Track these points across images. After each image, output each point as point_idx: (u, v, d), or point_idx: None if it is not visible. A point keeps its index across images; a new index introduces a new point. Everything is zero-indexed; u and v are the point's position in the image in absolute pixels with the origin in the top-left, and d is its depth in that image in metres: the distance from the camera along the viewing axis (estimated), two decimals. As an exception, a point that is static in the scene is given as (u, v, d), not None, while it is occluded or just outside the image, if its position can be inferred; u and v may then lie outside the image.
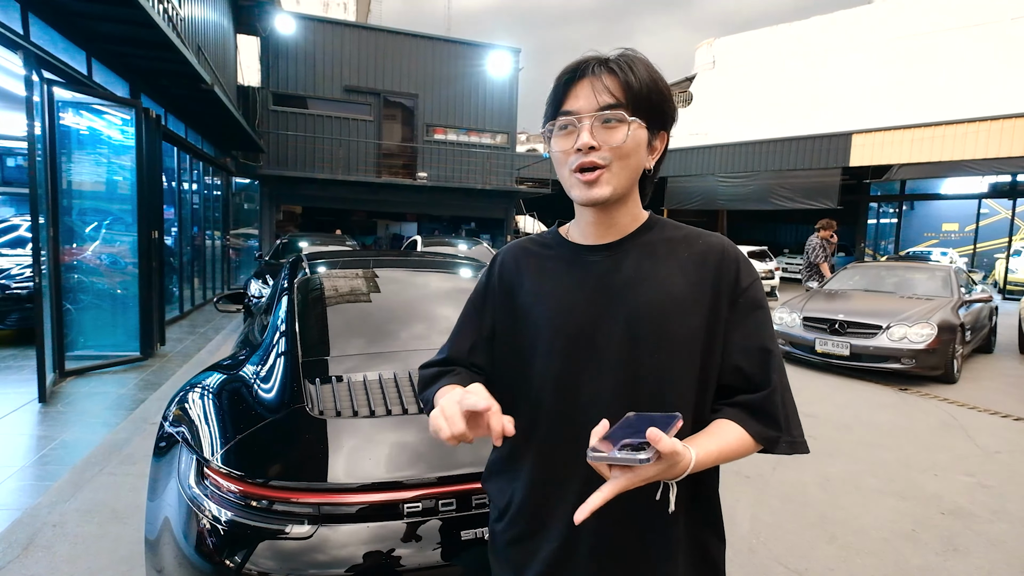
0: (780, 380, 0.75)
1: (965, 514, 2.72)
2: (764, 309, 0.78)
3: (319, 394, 1.51)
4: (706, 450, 0.68)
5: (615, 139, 0.73)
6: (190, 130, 8.29)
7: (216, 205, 10.41)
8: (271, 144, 13.86)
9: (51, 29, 4.28)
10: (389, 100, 15.22)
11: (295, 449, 1.36)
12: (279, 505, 1.20)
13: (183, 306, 7.55)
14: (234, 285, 10.90)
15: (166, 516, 1.36)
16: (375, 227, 20.96)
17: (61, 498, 2.52)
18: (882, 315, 5.31)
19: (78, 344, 4.77)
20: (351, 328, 2.02)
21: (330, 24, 15.14)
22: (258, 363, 1.80)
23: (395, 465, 1.29)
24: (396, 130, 15.58)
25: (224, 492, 1.24)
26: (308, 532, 1.18)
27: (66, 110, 4.46)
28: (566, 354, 0.77)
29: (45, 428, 3.38)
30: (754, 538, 2.44)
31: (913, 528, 2.57)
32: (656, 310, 0.75)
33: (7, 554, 2.08)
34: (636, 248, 0.79)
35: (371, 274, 2.49)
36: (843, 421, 4.11)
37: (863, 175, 12.95)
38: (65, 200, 4.60)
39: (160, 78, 6.05)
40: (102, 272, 4.99)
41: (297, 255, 2.82)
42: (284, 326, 1.93)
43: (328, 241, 8.35)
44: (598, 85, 0.73)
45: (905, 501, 2.84)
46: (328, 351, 1.85)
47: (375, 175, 14.82)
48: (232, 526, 1.20)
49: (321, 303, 2.17)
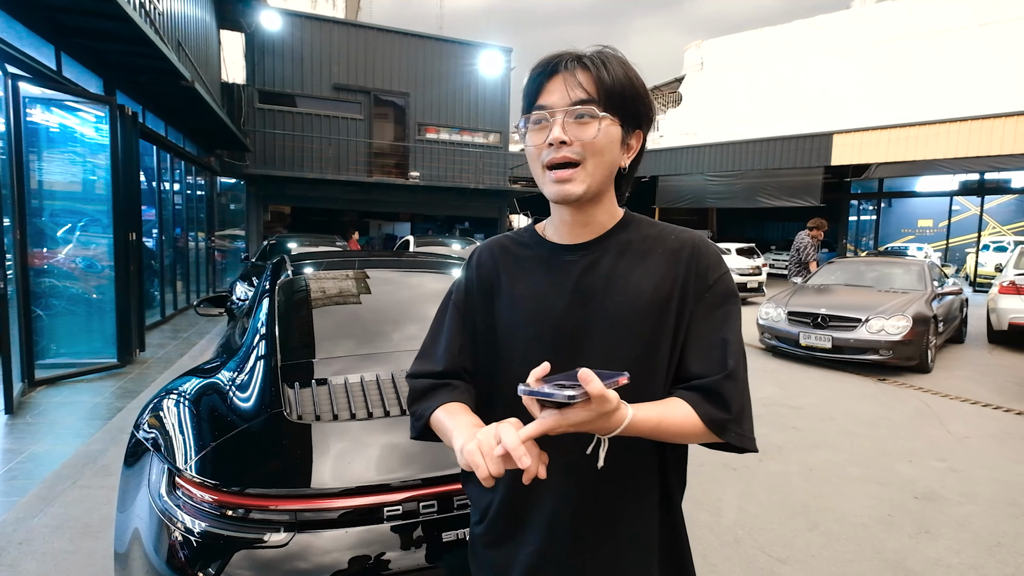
0: (736, 368, 0.74)
1: (937, 497, 2.86)
2: (731, 303, 0.78)
3: (297, 398, 1.49)
4: (645, 414, 0.67)
5: (587, 134, 0.73)
6: (170, 128, 8.05)
7: (200, 205, 10.15)
8: (258, 143, 13.58)
9: (15, 21, 4.05)
10: (380, 99, 14.99)
11: (272, 455, 1.34)
12: (256, 513, 1.18)
13: (165, 310, 7.32)
14: (219, 288, 10.65)
15: (136, 528, 1.32)
16: (368, 227, 20.72)
17: (29, 514, 2.42)
18: (861, 308, 5.48)
19: (50, 352, 4.56)
20: (333, 330, 1.98)
21: (318, 21, 14.89)
22: (236, 368, 1.77)
23: (375, 468, 1.27)
24: (387, 129, 15.37)
25: (197, 502, 1.21)
26: (285, 539, 1.15)
27: (34, 106, 4.25)
28: (544, 357, 0.72)
29: (12, 441, 3.22)
30: (740, 528, 2.51)
31: (889, 513, 2.69)
32: (633, 310, 0.76)
33: None
34: (612, 247, 0.80)
35: (355, 275, 2.44)
36: (827, 412, 4.25)
37: (844, 173, 13.38)
38: (35, 201, 4.39)
39: (137, 74, 5.83)
40: (76, 276, 4.79)
41: (280, 256, 2.77)
42: (264, 329, 1.89)
43: (318, 242, 8.15)
44: (571, 80, 0.73)
45: (883, 487, 2.96)
46: (308, 354, 1.82)
47: (366, 174, 14.60)
48: (206, 537, 1.17)
49: (303, 305, 2.14)
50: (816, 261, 7.06)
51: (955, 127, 9.78)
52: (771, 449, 3.46)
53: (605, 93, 0.73)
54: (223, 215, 12.56)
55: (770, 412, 4.20)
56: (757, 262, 11.50)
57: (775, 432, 3.77)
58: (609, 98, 0.73)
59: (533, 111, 0.76)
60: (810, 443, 3.58)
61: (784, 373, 5.46)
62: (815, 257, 7.01)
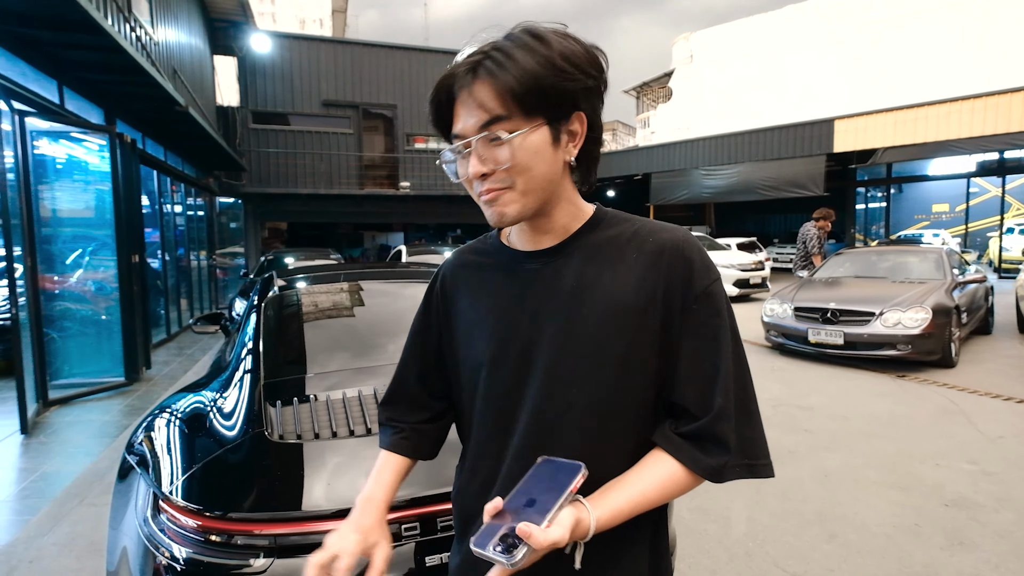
0: (726, 406, 0.65)
1: (969, 504, 2.60)
2: (721, 315, 0.67)
3: (280, 417, 1.46)
4: (613, 507, 0.61)
5: (502, 158, 0.63)
6: (169, 152, 8.29)
7: (201, 225, 10.39)
8: (253, 162, 13.85)
9: (19, 60, 4.29)
10: (368, 112, 15.26)
11: (254, 477, 1.31)
12: (240, 538, 1.15)
13: (170, 328, 7.52)
14: (222, 304, 10.86)
15: (125, 547, 1.31)
16: (361, 239, 20.95)
17: (39, 532, 2.47)
18: (875, 301, 5.19)
19: (63, 372, 4.75)
20: (318, 346, 1.96)
21: (305, 40, 15.20)
22: (221, 387, 1.76)
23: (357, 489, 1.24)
24: (377, 141, 15.62)
25: (180, 527, 1.18)
26: (265, 565, 1.12)
27: (40, 139, 4.47)
28: (508, 374, 0.71)
29: (26, 460, 3.33)
30: (751, 540, 2.33)
31: (916, 522, 2.45)
32: (602, 323, 0.67)
33: None
34: (579, 251, 0.70)
35: (341, 290, 2.41)
36: (840, 412, 3.98)
37: (848, 160, 12.82)
38: (47, 229, 4.61)
39: (135, 102, 6.06)
40: (88, 298, 5.00)
41: (269, 274, 2.80)
42: (248, 347, 1.88)
43: (313, 256, 8.35)
44: (469, 103, 0.64)
45: (906, 494, 2.73)
46: (292, 371, 1.80)
47: (358, 187, 14.85)
48: (189, 564, 1.14)
49: (288, 322, 2.12)
50: (823, 254, 6.72)
51: (968, 105, 9.10)
52: (781, 453, 3.22)
53: (516, 99, 0.61)
54: (223, 233, 12.79)
55: (779, 414, 3.96)
56: (759, 257, 11.10)
57: (785, 435, 3.52)
58: (524, 102, 0.62)
59: (453, 140, 0.67)
60: (823, 446, 3.33)
61: (792, 372, 5.18)
62: (822, 250, 6.68)
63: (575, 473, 0.59)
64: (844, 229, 15.64)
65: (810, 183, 12.07)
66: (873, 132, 10.37)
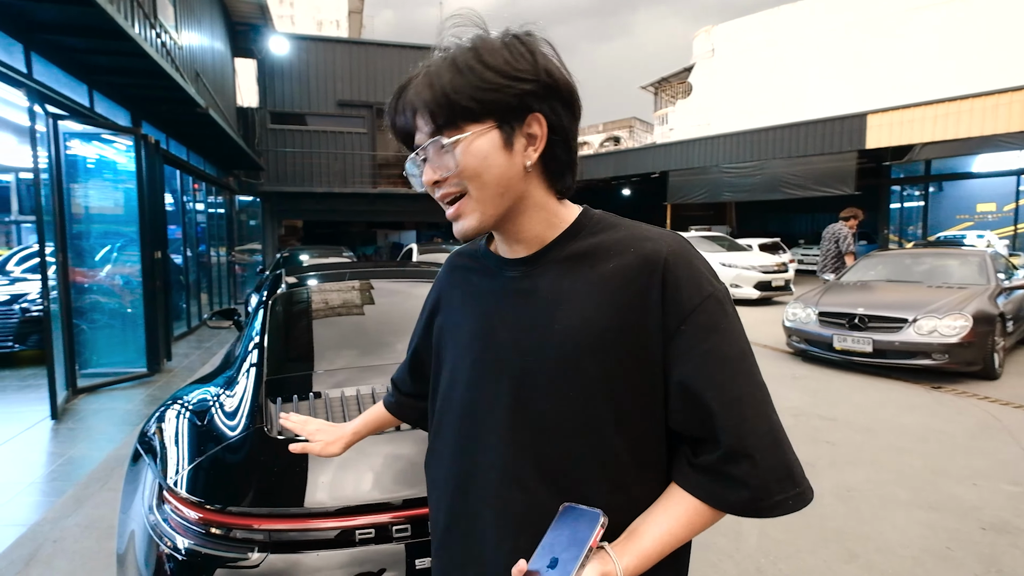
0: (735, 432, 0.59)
1: (1011, 529, 2.40)
2: (718, 334, 0.61)
3: (279, 413, 1.45)
4: (640, 552, 0.59)
5: (448, 166, 0.63)
6: (192, 152, 8.57)
7: (221, 223, 10.70)
8: (270, 161, 14.18)
9: (53, 65, 4.54)
10: (382, 111, 15.29)
11: (253, 473, 1.33)
12: (239, 532, 1.17)
13: (190, 322, 7.80)
14: (239, 300, 11.17)
15: (132, 531, 1.36)
16: (375, 237, 21.24)
17: (64, 514, 2.59)
18: (908, 307, 4.88)
19: (91, 362, 5.00)
20: (323, 344, 1.99)
21: (321, 41, 15.50)
22: (226, 382, 1.79)
23: (350, 488, 1.24)
24: (390, 140, 15.69)
25: (182, 517, 1.22)
26: (258, 560, 1.15)
27: (72, 140, 4.72)
28: (487, 385, 0.69)
29: (55, 444, 3.52)
30: (763, 556, 2.22)
31: (948, 546, 2.27)
32: (571, 342, 0.63)
33: (9, 569, 2.18)
34: (555, 263, 0.67)
35: (348, 288, 2.43)
36: (866, 424, 3.75)
37: (882, 157, 12.02)
38: (79, 225, 4.86)
39: (159, 105, 6.31)
40: (116, 292, 5.24)
41: (278, 271, 2.86)
42: (254, 344, 1.91)
43: (326, 253, 8.57)
44: (418, 113, 0.64)
45: (938, 514, 2.53)
46: (296, 368, 1.83)
47: (371, 186, 15.09)
48: (190, 553, 1.18)
49: (294, 319, 2.15)
50: (855, 253, 6.46)
51: (1019, 97, 8.43)
52: None
53: (449, 111, 0.61)
54: (242, 231, 13.13)
55: (799, 424, 3.78)
56: (783, 258, 10.64)
57: (805, 447, 3.35)
58: (458, 112, 0.61)
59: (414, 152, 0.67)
60: (846, 459, 3.15)
61: (815, 380, 4.94)
62: (855, 248, 6.44)
63: (594, 524, 0.58)
64: (877, 230, 14.83)
65: (840, 181, 11.48)
66: (910, 127, 9.71)
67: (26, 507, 2.70)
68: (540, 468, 0.64)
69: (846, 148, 10.68)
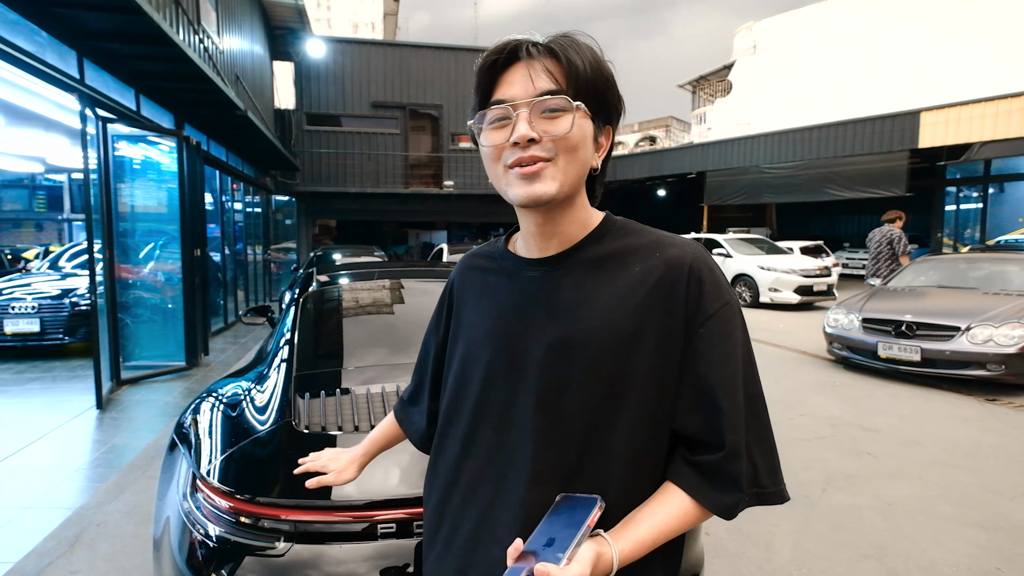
0: (740, 436, 0.63)
1: None
2: (733, 340, 0.65)
3: (307, 408, 1.52)
4: (635, 540, 0.61)
5: (559, 128, 0.63)
6: (231, 153, 8.86)
7: (257, 222, 11.04)
8: (306, 162, 14.54)
9: (103, 71, 4.75)
10: (415, 112, 15.68)
11: (281, 465, 1.36)
12: (266, 522, 1.21)
13: (227, 318, 8.05)
14: (274, 297, 11.50)
15: (167, 517, 1.41)
16: (406, 237, 21.54)
17: (107, 499, 2.71)
18: (960, 315, 4.69)
19: (134, 355, 5.22)
20: (351, 342, 2.03)
21: (356, 44, 15.79)
22: (257, 377, 1.85)
23: (373, 483, 1.27)
24: (423, 141, 16.01)
25: (214, 506, 1.27)
26: (284, 550, 1.19)
27: (119, 142, 4.94)
28: (501, 383, 0.70)
29: (99, 433, 3.67)
30: (795, 568, 2.18)
31: (997, 565, 2.19)
32: (594, 340, 0.65)
33: (56, 550, 2.29)
34: (581, 263, 0.69)
35: (378, 287, 2.47)
36: (912, 437, 3.63)
37: (937, 157, 11.58)
38: (126, 224, 5.09)
39: (201, 108, 6.54)
40: (158, 288, 5.45)
41: (310, 270, 2.91)
42: (284, 340, 1.96)
43: (358, 252, 8.72)
44: (536, 67, 0.63)
45: (988, 533, 2.43)
46: (325, 365, 1.88)
47: (403, 186, 15.28)
48: (220, 540, 1.22)
49: (324, 317, 2.20)
50: (909, 254, 6.25)
51: None
52: (838, 478, 2.95)
53: (577, 82, 0.63)
54: (277, 230, 13.53)
55: (838, 434, 3.66)
56: (826, 262, 10.30)
57: (843, 458, 3.25)
58: (581, 87, 0.63)
59: (490, 107, 0.65)
60: (889, 472, 3.06)
61: (857, 388, 4.80)
62: (911, 249, 6.21)
63: (591, 507, 0.59)
64: (930, 233, 14.23)
65: (890, 182, 11.06)
66: (968, 125, 9.28)
67: (72, 492, 2.83)
68: (559, 465, 0.66)
69: (897, 148, 10.42)
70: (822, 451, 3.38)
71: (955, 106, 9.50)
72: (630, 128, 40.89)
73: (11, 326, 5.50)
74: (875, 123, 10.61)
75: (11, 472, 3.08)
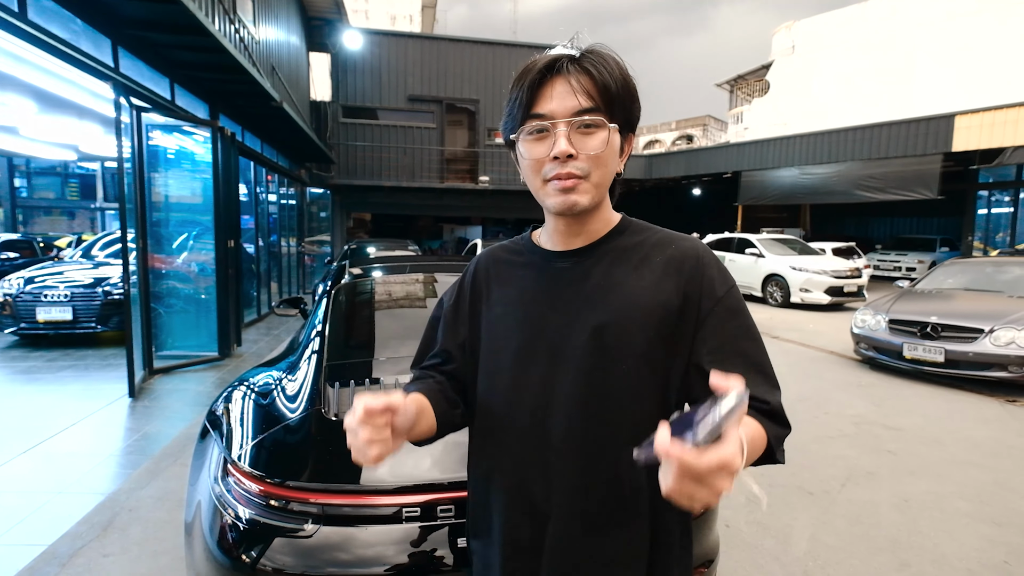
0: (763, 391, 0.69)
1: None
2: (742, 316, 0.74)
3: (337, 397, 1.56)
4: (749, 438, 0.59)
5: (593, 145, 0.69)
6: (266, 145, 8.91)
7: (292, 214, 11.14)
8: (341, 155, 14.63)
9: (138, 59, 4.74)
10: (452, 106, 15.57)
11: (310, 451, 1.43)
12: (295, 505, 1.26)
13: (260, 309, 8.12)
14: (308, 289, 11.61)
15: (199, 501, 1.46)
16: (441, 232, 21.54)
17: (139, 485, 2.77)
18: (985, 317, 4.82)
19: (167, 345, 5.25)
20: (382, 333, 2.08)
21: (394, 37, 15.76)
22: (289, 366, 1.90)
23: (398, 469, 1.31)
24: (459, 136, 15.90)
25: (244, 489, 1.32)
26: (313, 531, 1.24)
27: (154, 131, 4.93)
28: (533, 367, 0.75)
29: (132, 421, 3.72)
30: (811, 560, 2.26)
31: (1006, 560, 2.27)
32: (624, 319, 0.72)
33: (89, 533, 2.34)
34: (607, 254, 0.77)
35: (409, 280, 2.52)
36: (933, 435, 3.73)
37: (969, 160, 11.78)
38: (160, 213, 5.09)
39: (236, 98, 6.54)
40: (191, 278, 5.47)
41: (343, 262, 2.90)
42: (317, 330, 2.00)
43: (392, 246, 8.64)
44: (574, 85, 0.69)
45: (1000, 529, 2.52)
46: (355, 355, 1.91)
47: (438, 181, 15.21)
48: (250, 523, 1.27)
49: (356, 308, 2.25)
50: None
51: None
52: (858, 474, 3.07)
53: (608, 99, 0.69)
54: (312, 222, 13.67)
55: (861, 432, 3.74)
56: (857, 263, 10.42)
57: (865, 455, 3.35)
58: (613, 104, 0.70)
59: (531, 119, 0.71)
60: (908, 470, 3.15)
61: (882, 388, 4.89)
62: None
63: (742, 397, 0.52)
64: (960, 237, 14.47)
65: (922, 185, 11.21)
66: (1002, 129, 9.45)
67: (105, 478, 2.88)
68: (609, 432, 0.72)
69: (930, 151, 10.66)
70: (845, 448, 3.46)
71: (989, 110, 9.67)
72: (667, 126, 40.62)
73: (44, 314, 5.60)
74: (909, 126, 10.80)
75: (45, 458, 3.11)
